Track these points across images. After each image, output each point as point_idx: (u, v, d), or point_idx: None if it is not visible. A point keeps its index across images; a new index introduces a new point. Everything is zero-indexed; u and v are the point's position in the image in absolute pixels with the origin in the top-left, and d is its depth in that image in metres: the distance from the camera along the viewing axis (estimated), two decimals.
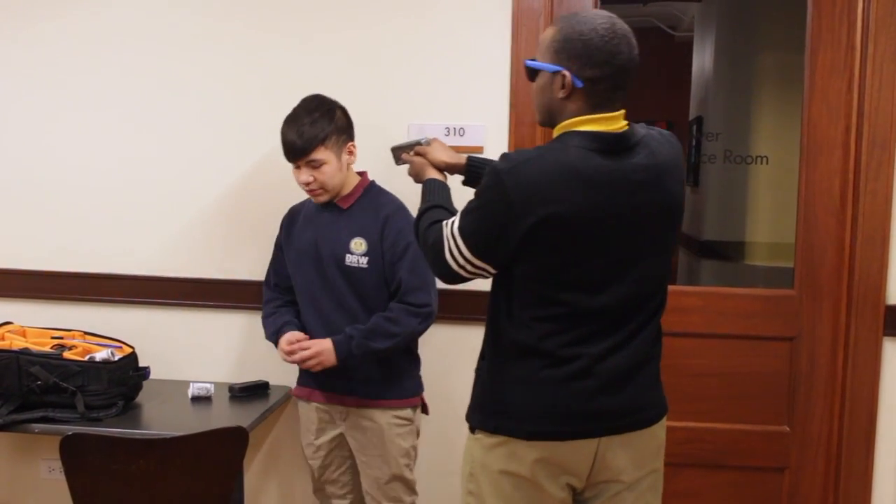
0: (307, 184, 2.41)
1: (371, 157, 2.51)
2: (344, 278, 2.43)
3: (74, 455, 2.06)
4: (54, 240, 2.89)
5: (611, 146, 1.74)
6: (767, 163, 2.81)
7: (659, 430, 1.90)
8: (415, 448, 2.53)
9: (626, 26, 1.76)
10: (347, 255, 2.42)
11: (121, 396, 2.47)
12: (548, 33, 1.81)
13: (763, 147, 2.82)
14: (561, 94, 1.77)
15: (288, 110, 2.42)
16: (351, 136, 2.46)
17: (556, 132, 1.81)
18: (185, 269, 2.84)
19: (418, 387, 2.54)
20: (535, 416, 1.79)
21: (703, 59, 3.45)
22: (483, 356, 1.91)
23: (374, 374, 2.44)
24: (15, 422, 2.34)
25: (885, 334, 2.62)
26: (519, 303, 1.79)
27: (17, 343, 2.53)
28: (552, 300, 1.76)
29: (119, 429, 2.30)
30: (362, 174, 2.54)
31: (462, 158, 2.18)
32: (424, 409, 2.57)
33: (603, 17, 1.76)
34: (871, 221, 2.61)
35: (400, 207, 2.48)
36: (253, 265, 2.77)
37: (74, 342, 2.61)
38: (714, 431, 2.75)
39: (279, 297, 2.58)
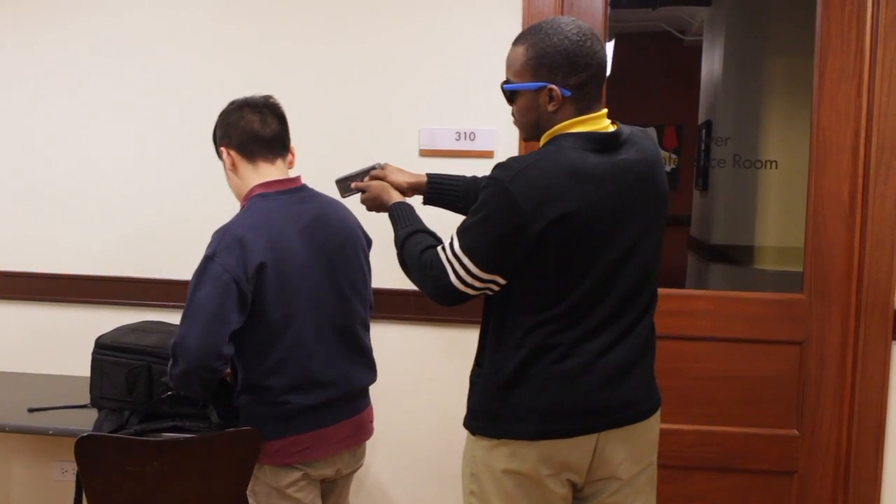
0: None
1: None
2: None
3: (89, 456, 2.07)
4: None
5: (604, 145, 1.76)
6: (777, 167, 2.82)
7: (654, 423, 1.93)
8: None
9: (587, 24, 1.78)
10: None
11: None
12: (517, 53, 1.80)
13: (772, 151, 2.82)
14: (551, 108, 1.77)
15: (296, 116, 2.38)
16: (221, 142, 2.20)
17: (543, 139, 1.82)
18: None
19: (264, 432, 2.12)
20: (541, 415, 1.80)
21: (712, 64, 3.46)
22: (479, 363, 1.89)
23: None
24: (145, 431, 2.25)
25: (894, 338, 2.62)
26: (524, 305, 1.78)
27: None
28: (562, 298, 1.76)
29: None
30: (259, 185, 2.15)
31: (422, 177, 2.17)
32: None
33: (567, 22, 1.76)
34: (880, 226, 2.62)
35: (221, 231, 2.08)
36: None
37: None
38: (723, 435, 2.76)
39: None
